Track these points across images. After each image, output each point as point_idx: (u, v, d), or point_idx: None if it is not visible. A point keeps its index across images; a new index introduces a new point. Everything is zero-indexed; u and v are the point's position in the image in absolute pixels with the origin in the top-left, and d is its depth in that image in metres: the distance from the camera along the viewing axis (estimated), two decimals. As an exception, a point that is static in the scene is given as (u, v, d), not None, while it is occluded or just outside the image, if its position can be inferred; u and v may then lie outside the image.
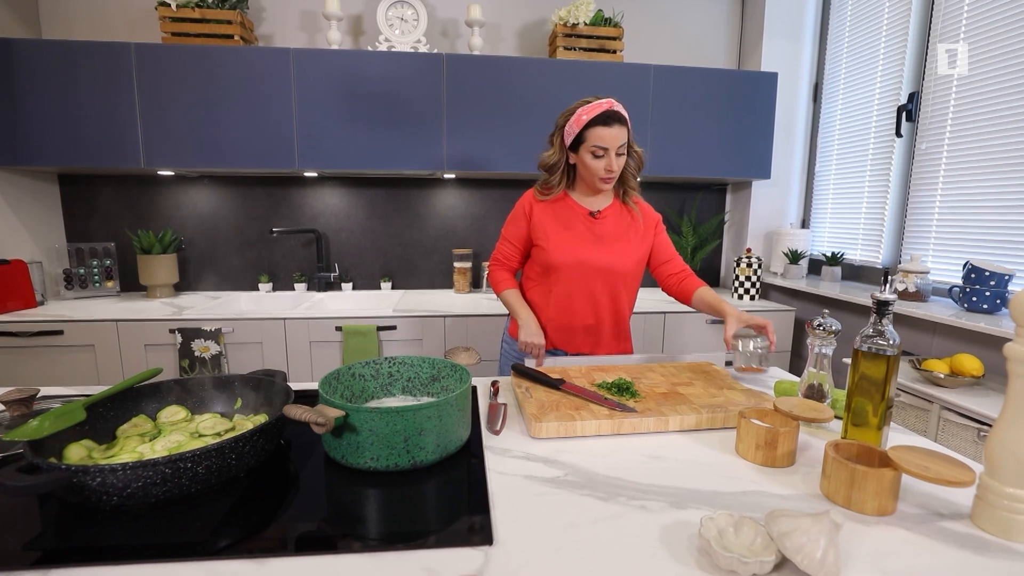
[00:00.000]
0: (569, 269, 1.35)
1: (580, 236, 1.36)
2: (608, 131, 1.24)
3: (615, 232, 1.37)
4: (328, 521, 0.63)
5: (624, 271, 1.37)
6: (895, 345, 0.79)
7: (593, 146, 1.26)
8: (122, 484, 0.59)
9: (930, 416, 1.44)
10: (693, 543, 0.59)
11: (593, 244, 1.35)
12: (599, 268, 1.35)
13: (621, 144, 1.26)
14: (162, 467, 0.60)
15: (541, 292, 1.41)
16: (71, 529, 0.60)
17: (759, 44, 2.44)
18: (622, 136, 1.26)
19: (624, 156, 1.30)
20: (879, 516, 0.65)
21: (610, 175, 1.30)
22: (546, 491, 0.70)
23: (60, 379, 1.88)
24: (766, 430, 0.78)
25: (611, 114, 1.25)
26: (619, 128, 1.25)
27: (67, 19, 2.25)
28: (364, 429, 0.71)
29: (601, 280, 1.36)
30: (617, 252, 1.36)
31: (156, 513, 0.63)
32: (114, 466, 0.58)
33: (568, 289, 1.36)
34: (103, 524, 0.61)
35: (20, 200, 2.15)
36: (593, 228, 1.36)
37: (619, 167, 1.29)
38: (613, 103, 1.26)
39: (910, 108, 1.93)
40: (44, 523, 0.62)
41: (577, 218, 1.37)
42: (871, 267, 2.15)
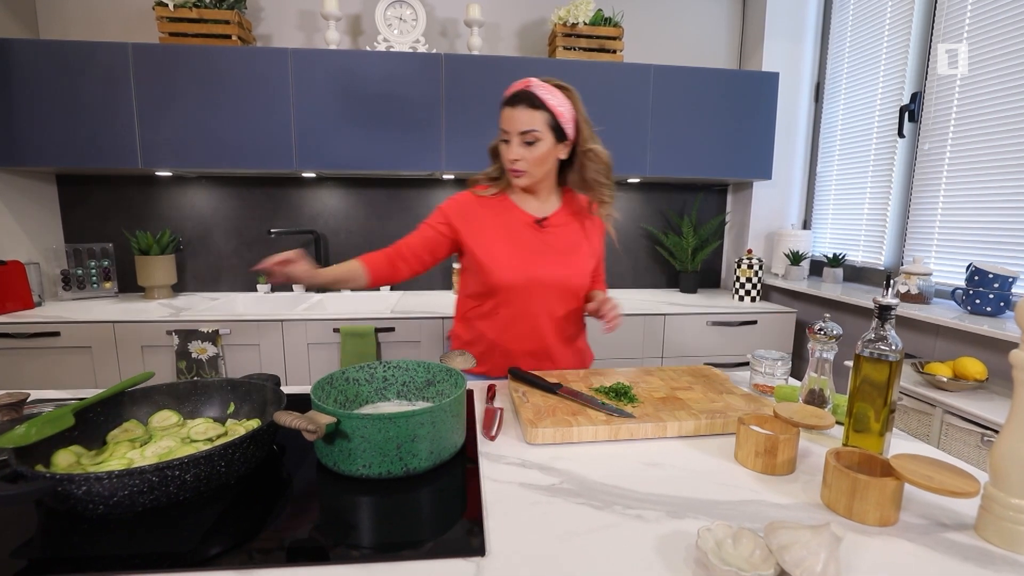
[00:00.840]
0: (519, 289, 1.17)
1: (528, 248, 1.18)
2: (511, 112, 1.08)
3: (568, 242, 1.21)
4: (319, 530, 0.62)
5: (577, 285, 1.21)
6: (897, 350, 0.78)
7: (500, 131, 1.12)
8: (108, 493, 0.58)
9: (932, 420, 1.42)
10: (690, 554, 0.58)
11: (543, 257, 1.18)
12: (552, 286, 1.18)
13: (528, 131, 1.08)
14: (149, 475, 0.59)
15: (484, 317, 1.22)
16: (58, 538, 0.59)
17: (760, 44, 2.42)
18: (531, 121, 1.08)
19: (540, 147, 1.10)
20: (881, 527, 0.64)
21: (514, 168, 1.12)
22: (541, 499, 0.69)
23: (56, 381, 1.87)
24: (766, 437, 0.76)
25: (519, 94, 1.08)
26: (525, 111, 1.07)
27: (64, 19, 2.24)
28: (356, 436, 0.70)
29: (555, 298, 1.20)
30: (572, 266, 1.20)
31: (144, 521, 0.61)
32: (99, 475, 0.57)
33: (515, 312, 1.19)
34: (89, 533, 0.59)
35: (18, 201, 2.15)
36: (542, 239, 1.19)
37: (533, 161, 1.11)
38: (532, 82, 1.09)
39: (913, 108, 1.91)
40: (31, 531, 0.60)
41: (521, 227, 1.19)
42: (873, 269, 2.14)
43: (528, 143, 1.10)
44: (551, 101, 1.09)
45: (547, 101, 1.08)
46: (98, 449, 0.76)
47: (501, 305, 1.19)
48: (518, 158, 1.11)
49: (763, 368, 1.09)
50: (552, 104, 1.09)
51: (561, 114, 1.10)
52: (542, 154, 1.12)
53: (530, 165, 1.12)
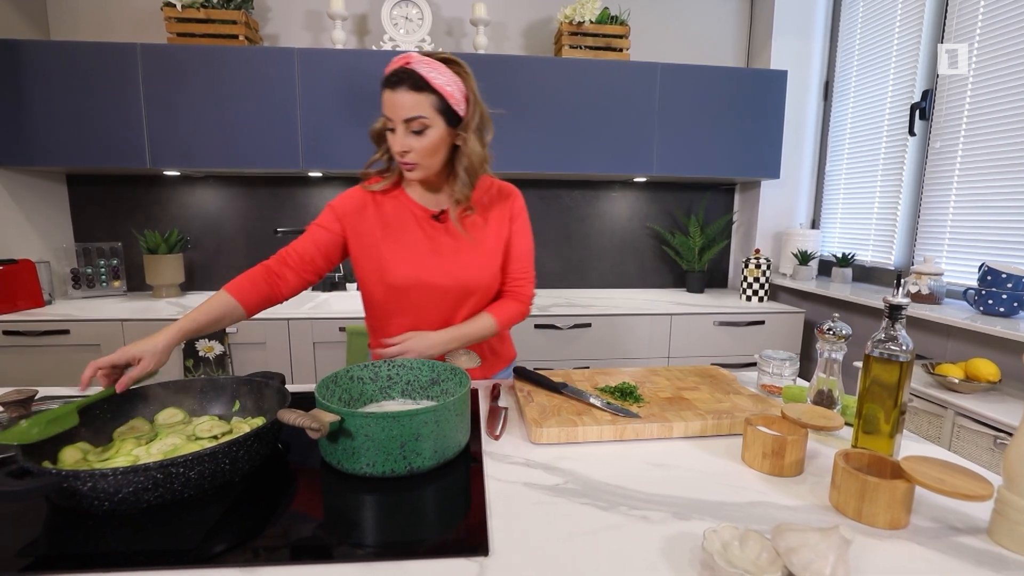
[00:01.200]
0: (409, 293, 1.06)
1: (417, 247, 1.06)
2: (391, 96, 0.94)
3: (468, 238, 1.08)
4: (323, 528, 0.62)
5: (482, 286, 1.09)
6: (908, 351, 0.76)
7: (384, 117, 0.98)
8: (113, 489, 0.58)
9: (944, 422, 1.40)
10: (696, 556, 0.57)
11: (435, 256, 1.06)
12: (447, 288, 1.06)
13: (414, 117, 0.94)
14: (154, 472, 0.59)
15: (380, 326, 1.12)
16: (64, 534, 0.59)
17: (768, 42, 2.40)
18: (415, 106, 0.93)
19: (431, 134, 0.96)
20: (891, 530, 0.63)
21: (403, 161, 0.98)
22: (545, 499, 0.68)
23: (66, 378, 1.89)
24: (773, 438, 0.75)
25: (398, 73, 0.93)
26: (408, 94, 0.92)
27: (75, 20, 2.26)
28: (360, 434, 0.70)
29: (452, 301, 1.08)
30: (469, 264, 1.07)
31: (149, 518, 0.62)
32: (105, 471, 0.57)
33: (412, 319, 1.08)
34: (95, 529, 0.60)
35: (28, 200, 2.17)
36: (435, 235, 1.07)
37: (423, 151, 0.97)
38: (413, 58, 0.93)
39: (924, 106, 1.88)
40: (38, 527, 0.61)
41: (413, 222, 1.07)
42: (883, 268, 2.11)
43: (416, 131, 0.96)
44: (437, 80, 0.93)
45: (433, 81, 0.93)
46: (104, 446, 0.77)
47: (394, 314, 1.09)
48: (406, 149, 0.97)
49: (771, 368, 1.08)
50: (439, 84, 0.94)
51: (451, 94, 0.95)
52: (433, 143, 0.97)
53: (421, 156, 0.98)
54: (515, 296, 1.15)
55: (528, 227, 1.18)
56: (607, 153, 2.20)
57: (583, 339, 2.07)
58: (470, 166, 1.03)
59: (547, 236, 2.57)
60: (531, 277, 1.18)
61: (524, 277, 1.16)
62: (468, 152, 1.02)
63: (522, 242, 1.15)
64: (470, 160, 1.03)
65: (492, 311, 1.11)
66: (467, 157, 1.02)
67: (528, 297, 1.17)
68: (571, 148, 2.18)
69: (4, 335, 1.85)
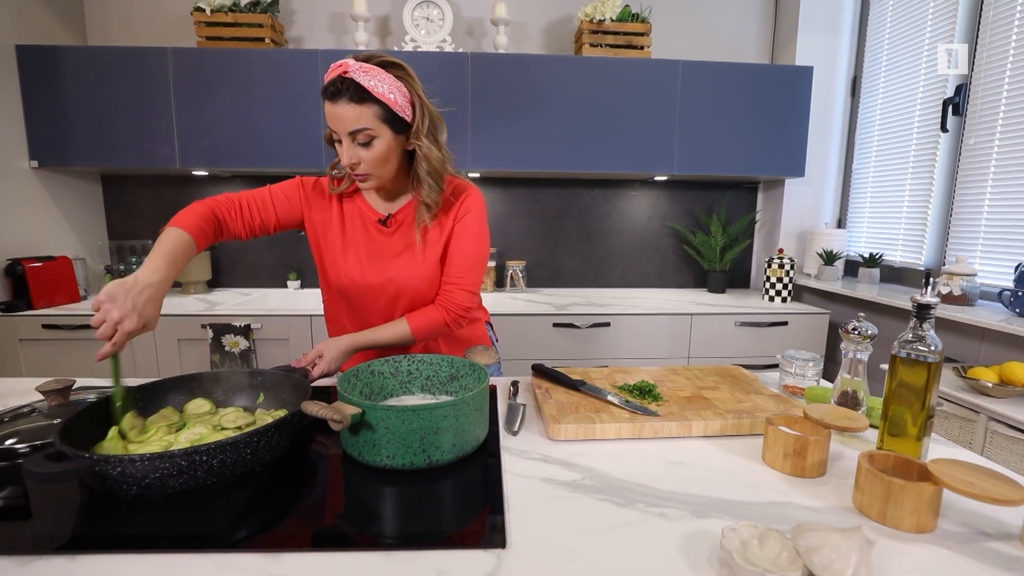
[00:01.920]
0: (347, 293, 1.07)
1: (357, 250, 1.06)
2: (332, 109, 0.91)
3: (404, 240, 1.06)
4: (343, 517, 0.63)
5: (414, 289, 1.06)
6: (937, 351, 0.74)
7: (329, 128, 0.95)
8: (140, 474, 0.61)
9: (976, 427, 1.36)
10: (714, 554, 0.57)
11: (373, 260, 1.06)
12: (379, 291, 1.06)
13: (358, 130, 0.91)
14: (178, 459, 0.61)
15: (331, 314, 1.15)
16: (96, 516, 0.62)
17: (794, 37, 2.35)
18: (358, 119, 0.90)
19: (378, 145, 0.94)
20: (917, 533, 0.61)
21: (354, 173, 0.96)
22: (563, 495, 0.69)
23: (99, 370, 1.96)
24: (795, 438, 0.74)
25: (336, 84, 0.90)
26: (348, 106, 0.90)
27: (109, 26, 2.35)
28: (380, 427, 0.71)
29: (388, 304, 1.08)
30: (403, 267, 1.05)
31: (175, 504, 0.64)
32: (133, 456, 0.60)
33: (357, 316, 1.10)
34: (125, 512, 0.62)
35: (66, 199, 2.26)
36: (379, 240, 1.06)
37: (372, 162, 0.95)
38: (350, 66, 0.89)
39: (957, 101, 1.82)
40: (73, 509, 0.64)
41: (360, 225, 1.07)
42: (912, 269, 2.05)
43: (362, 143, 0.93)
44: (379, 89, 0.90)
45: (374, 90, 0.90)
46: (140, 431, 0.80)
47: (341, 311, 1.11)
48: (355, 161, 0.94)
49: (793, 369, 1.06)
50: (380, 92, 0.90)
51: (394, 102, 0.92)
52: (381, 153, 0.95)
53: (370, 167, 0.96)
54: (442, 303, 1.07)
55: (475, 229, 1.08)
56: (628, 152, 2.19)
57: (602, 338, 2.07)
58: (431, 170, 1.01)
59: (566, 235, 2.57)
60: (467, 284, 1.08)
61: (457, 283, 1.07)
62: (425, 156, 1.00)
63: (461, 245, 1.07)
64: (430, 163, 1.00)
65: (411, 318, 1.06)
66: (426, 161, 1.00)
67: (456, 306, 1.07)
68: (591, 147, 2.17)
69: (43, 328, 1.93)
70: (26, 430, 0.83)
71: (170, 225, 0.96)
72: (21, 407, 0.92)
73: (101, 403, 0.78)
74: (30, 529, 0.60)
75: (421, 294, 1.08)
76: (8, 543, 0.57)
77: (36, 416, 0.89)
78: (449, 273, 1.08)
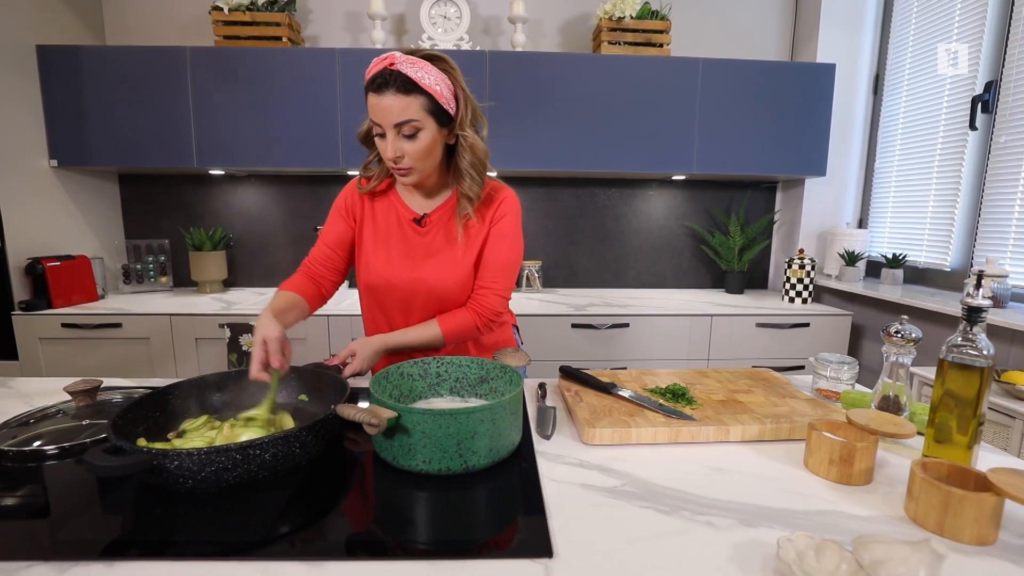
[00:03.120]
0: (379, 292, 1.06)
1: (393, 249, 1.05)
2: (378, 101, 0.90)
3: (440, 240, 1.05)
4: (380, 523, 0.62)
5: (448, 292, 1.05)
6: (989, 355, 0.72)
7: (371, 122, 0.95)
8: (197, 468, 0.61)
9: (1012, 433, 1.33)
10: (768, 565, 0.55)
11: (408, 260, 1.05)
12: (418, 292, 1.05)
13: (404, 121, 0.90)
14: (234, 453, 0.62)
15: (368, 314, 1.14)
16: (135, 519, 0.62)
17: (815, 34, 2.32)
18: (404, 110, 0.90)
19: (423, 137, 0.93)
20: (978, 545, 0.59)
21: (397, 167, 0.96)
22: (604, 501, 0.67)
23: (118, 370, 1.97)
24: (842, 444, 0.72)
25: (383, 76, 0.89)
26: (395, 97, 0.89)
27: (127, 25, 2.36)
28: (416, 431, 0.69)
29: (421, 304, 1.06)
30: (437, 268, 1.04)
31: (215, 504, 0.64)
32: (191, 450, 0.61)
33: (389, 316, 1.09)
34: (163, 516, 0.62)
35: (84, 199, 2.27)
36: (414, 239, 1.05)
37: (416, 155, 0.94)
38: (397, 58, 0.89)
39: (987, 99, 1.78)
40: (111, 510, 0.63)
41: (398, 225, 1.06)
42: (938, 270, 2.01)
43: (407, 135, 0.92)
44: (425, 80, 0.90)
45: (421, 81, 0.89)
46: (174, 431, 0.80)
47: (373, 309, 1.11)
48: (399, 155, 0.94)
49: (828, 372, 1.04)
50: (427, 84, 0.90)
51: (439, 94, 0.92)
52: (426, 145, 0.94)
53: (414, 160, 0.95)
54: (473, 306, 1.06)
55: (510, 234, 1.07)
56: (646, 151, 2.16)
57: (621, 339, 2.04)
58: (475, 160, 1.00)
59: (582, 235, 2.55)
60: (500, 289, 1.07)
61: (491, 287, 1.06)
62: (470, 147, 0.99)
63: (497, 249, 1.06)
64: (474, 155, 0.99)
65: (442, 320, 1.05)
66: (470, 152, 0.99)
67: (488, 310, 1.06)
68: (609, 146, 2.15)
69: (62, 327, 1.94)
70: (55, 431, 0.83)
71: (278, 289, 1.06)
72: (47, 408, 0.91)
73: (145, 400, 0.78)
74: (68, 533, 0.59)
75: (452, 296, 1.06)
76: (49, 547, 0.56)
77: (62, 417, 0.89)
78: (483, 277, 1.07)
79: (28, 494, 0.66)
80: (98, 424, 0.85)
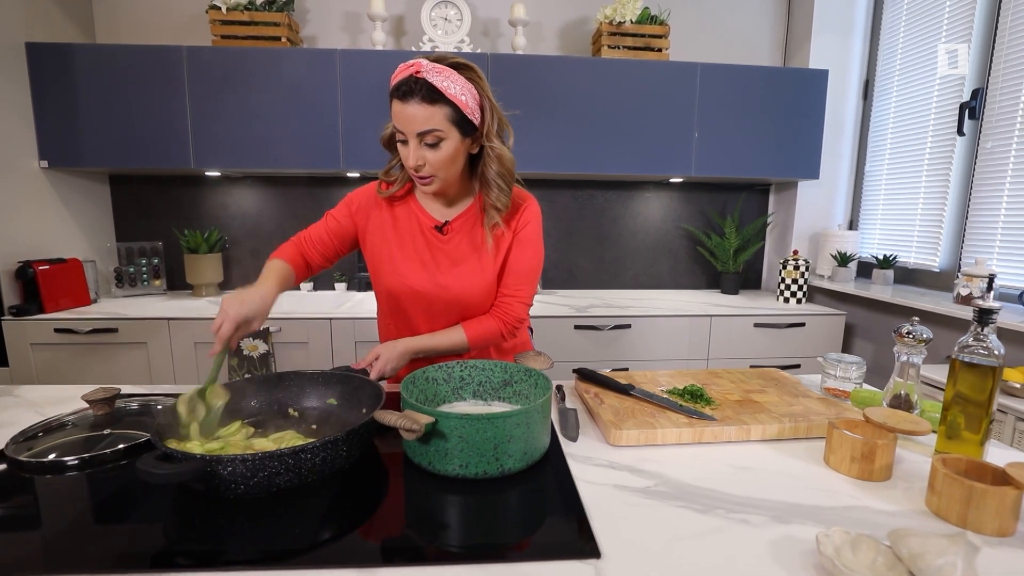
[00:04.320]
0: (402, 299, 1.06)
1: (416, 257, 1.05)
2: (402, 109, 0.89)
3: (465, 248, 1.05)
4: (421, 529, 0.62)
5: (472, 300, 1.05)
6: (1000, 355, 0.75)
7: (394, 128, 0.94)
8: (250, 473, 0.62)
9: (1003, 428, 1.38)
10: (808, 560, 0.57)
11: (431, 268, 1.05)
12: (442, 299, 1.05)
13: (428, 131, 0.90)
14: (286, 457, 0.63)
15: (383, 321, 1.14)
16: (176, 529, 0.61)
17: (807, 40, 2.37)
18: (429, 119, 0.89)
19: (446, 147, 0.93)
20: (1000, 537, 0.62)
21: (418, 174, 0.95)
22: (640, 501, 0.68)
23: (115, 376, 1.93)
24: (863, 442, 0.75)
25: (409, 83, 0.88)
26: (420, 106, 0.88)
27: (119, 24, 2.31)
28: (453, 435, 0.70)
29: (443, 312, 1.07)
30: (462, 276, 1.04)
31: (270, 505, 0.64)
32: (244, 456, 0.61)
33: (407, 323, 1.09)
34: (203, 525, 0.61)
35: (74, 200, 2.22)
36: (436, 246, 1.05)
37: (438, 164, 0.94)
38: (423, 66, 0.88)
39: (974, 105, 1.85)
40: (163, 514, 0.63)
41: (419, 232, 1.06)
42: (927, 270, 2.08)
43: (430, 144, 0.92)
44: (451, 90, 0.89)
45: (447, 91, 0.89)
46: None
47: (391, 314, 1.10)
48: (420, 163, 0.93)
49: (837, 372, 1.07)
50: (452, 94, 0.89)
51: (464, 104, 0.91)
52: (448, 155, 0.94)
53: (436, 169, 0.95)
54: (498, 314, 1.07)
55: (534, 241, 1.09)
56: (646, 154, 2.19)
57: (623, 340, 2.07)
58: (502, 171, 1.00)
59: (581, 236, 2.57)
60: (524, 296, 1.08)
61: (515, 295, 1.07)
62: (497, 158, 0.99)
63: (522, 256, 1.07)
64: (501, 164, 1.00)
65: (467, 326, 1.06)
66: (497, 163, 0.99)
67: (513, 317, 1.07)
68: (609, 148, 2.18)
69: (55, 332, 1.89)
70: (72, 441, 0.81)
71: (269, 259, 1.06)
72: (49, 420, 0.88)
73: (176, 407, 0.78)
74: (111, 545, 0.58)
75: (476, 303, 1.07)
76: (94, 560, 0.55)
77: (76, 427, 0.86)
78: (507, 284, 1.08)
79: (60, 506, 0.66)
80: (119, 433, 0.84)
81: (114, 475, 0.73)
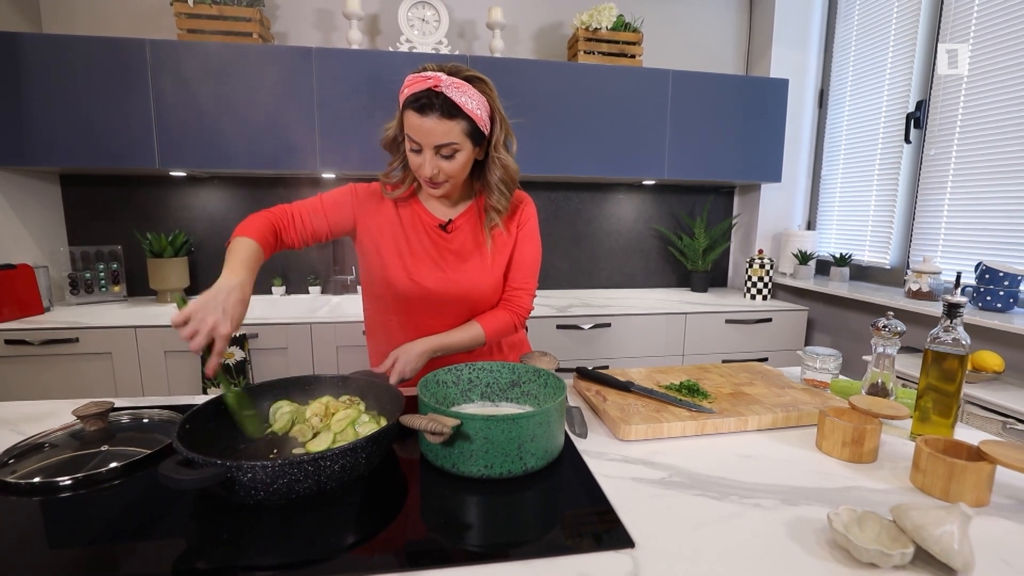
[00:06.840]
0: (408, 297, 1.06)
1: (423, 255, 1.06)
2: (420, 122, 0.91)
3: (469, 246, 1.08)
4: (448, 530, 0.63)
5: (481, 296, 1.08)
6: (967, 345, 0.84)
7: (407, 136, 0.95)
8: (270, 479, 0.61)
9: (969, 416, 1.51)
10: (821, 538, 0.62)
11: (439, 266, 1.06)
12: (445, 297, 1.06)
13: (445, 144, 0.93)
14: (306, 465, 0.62)
15: (380, 320, 1.13)
16: (209, 532, 0.61)
17: (768, 50, 2.51)
18: (447, 134, 0.92)
19: (460, 158, 0.96)
20: (977, 507, 0.69)
21: (432, 182, 0.98)
22: (659, 492, 0.72)
23: (78, 389, 1.81)
24: (853, 427, 0.81)
25: (430, 97, 0.89)
26: (439, 121, 0.90)
27: (70, 13, 2.17)
28: (478, 437, 0.72)
29: (450, 309, 1.08)
30: (470, 273, 1.07)
31: (292, 513, 0.64)
32: (264, 463, 0.60)
33: (414, 321, 1.08)
34: (225, 539, 0.60)
35: (22, 202, 2.07)
36: (442, 244, 1.07)
37: (451, 173, 0.97)
38: (443, 82, 0.89)
39: (918, 116, 2.01)
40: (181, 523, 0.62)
41: (423, 230, 1.07)
42: (879, 268, 2.24)
43: (445, 156, 0.95)
44: (468, 105, 0.92)
45: (464, 106, 0.91)
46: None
47: (394, 312, 1.10)
48: (436, 172, 0.96)
49: (817, 364, 1.15)
50: (469, 109, 0.92)
51: (480, 117, 0.94)
52: (461, 165, 0.97)
53: (448, 177, 0.98)
54: (509, 307, 1.13)
55: (535, 237, 1.15)
56: (620, 157, 2.26)
57: (603, 338, 2.13)
58: (506, 178, 1.04)
59: (557, 237, 2.62)
60: (531, 288, 1.15)
61: (523, 288, 1.13)
62: (503, 166, 1.03)
63: (526, 251, 1.12)
64: (506, 172, 1.04)
65: (482, 320, 1.09)
66: (501, 170, 1.03)
67: (524, 309, 1.13)
68: (585, 152, 2.23)
69: (6, 344, 1.76)
70: (66, 460, 0.77)
71: (235, 235, 0.95)
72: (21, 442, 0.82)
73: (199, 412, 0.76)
74: (124, 559, 0.57)
75: (484, 299, 1.10)
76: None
77: (49, 451, 0.79)
78: (515, 279, 1.13)
79: (80, 524, 0.63)
80: (115, 451, 0.80)
81: (119, 492, 0.70)
